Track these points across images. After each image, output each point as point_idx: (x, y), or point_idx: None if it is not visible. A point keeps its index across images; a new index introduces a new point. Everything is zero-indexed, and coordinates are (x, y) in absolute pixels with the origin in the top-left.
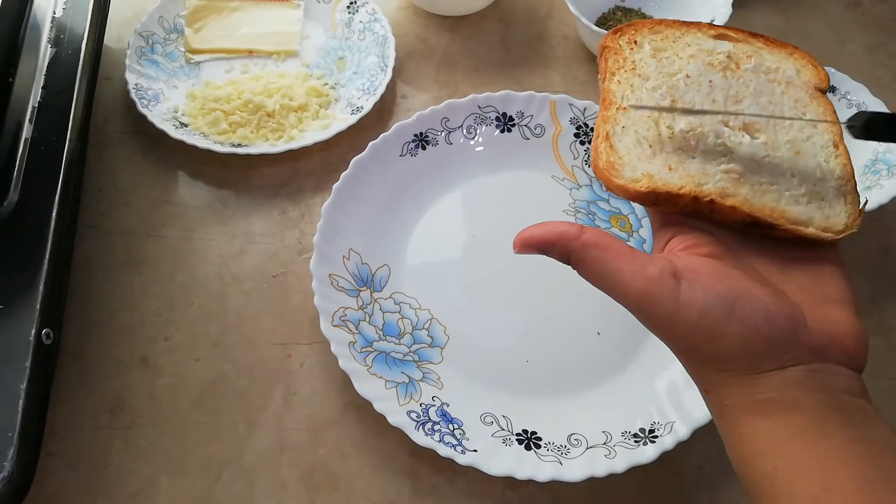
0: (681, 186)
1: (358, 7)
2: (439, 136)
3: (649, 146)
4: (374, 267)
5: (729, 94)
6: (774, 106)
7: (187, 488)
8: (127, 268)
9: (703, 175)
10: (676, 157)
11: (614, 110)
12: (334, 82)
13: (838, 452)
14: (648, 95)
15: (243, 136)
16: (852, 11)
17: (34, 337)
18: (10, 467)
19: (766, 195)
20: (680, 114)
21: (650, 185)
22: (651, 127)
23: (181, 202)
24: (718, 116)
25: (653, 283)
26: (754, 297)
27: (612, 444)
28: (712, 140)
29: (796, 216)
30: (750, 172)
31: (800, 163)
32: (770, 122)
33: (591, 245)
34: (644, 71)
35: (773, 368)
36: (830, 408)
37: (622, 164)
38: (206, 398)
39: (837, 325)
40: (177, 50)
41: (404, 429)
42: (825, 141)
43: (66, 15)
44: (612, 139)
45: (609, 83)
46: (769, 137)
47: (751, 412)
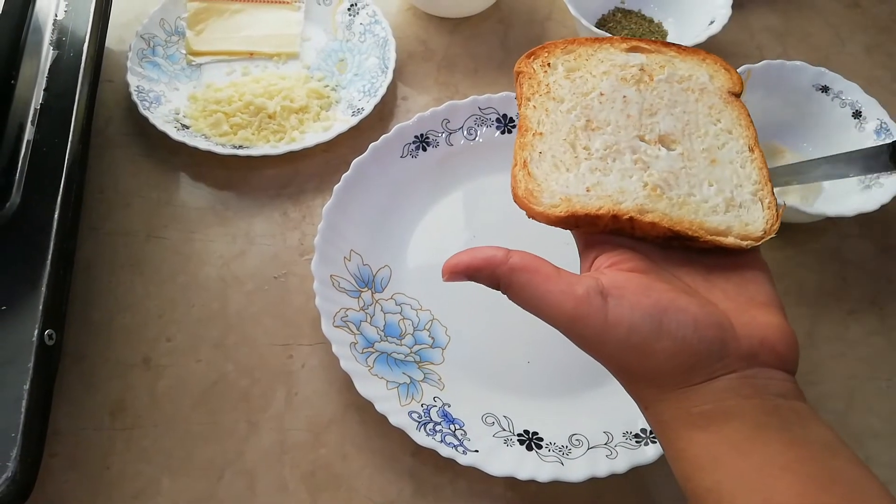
0: (599, 207)
1: (358, 9)
2: (440, 138)
3: (566, 170)
4: (376, 268)
5: (644, 107)
6: (689, 115)
7: (189, 489)
8: (129, 269)
9: (621, 193)
10: (594, 178)
11: (531, 136)
12: (335, 84)
13: (777, 458)
14: (563, 118)
15: (244, 138)
16: (851, 12)
17: (37, 338)
18: (13, 468)
19: (683, 208)
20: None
21: (569, 209)
22: (567, 150)
23: (182, 204)
24: (634, 133)
25: (581, 303)
26: (680, 310)
27: (614, 445)
28: (629, 157)
29: (715, 226)
30: (667, 186)
31: (716, 171)
32: (686, 131)
33: (517, 269)
34: (558, 93)
35: (705, 380)
36: (766, 413)
37: (540, 191)
38: (207, 399)
39: (766, 328)
40: (178, 52)
41: (406, 429)
42: (740, 146)
43: (68, 17)
44: (530, 166)
45: (525, 109)
46: (685, 148)
47: (688, 426)
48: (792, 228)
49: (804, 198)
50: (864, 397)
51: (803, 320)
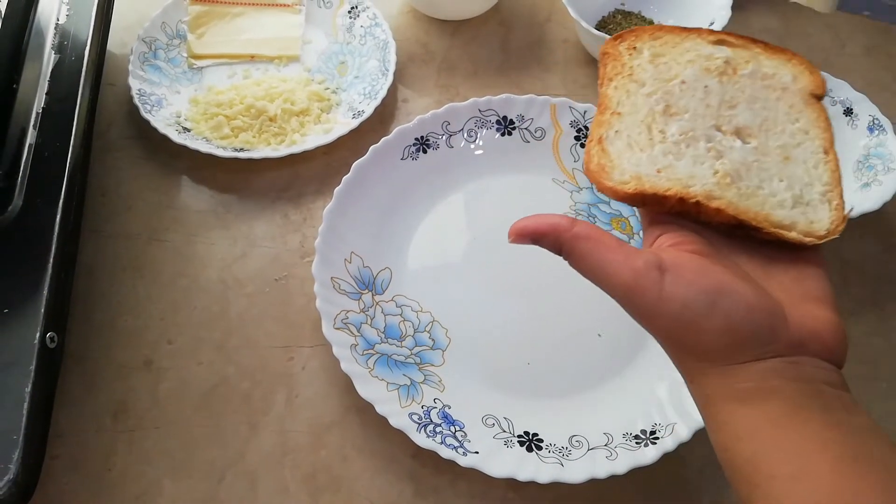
0: (667, 188)
1: (359, 12)
2: (440, 140)
3: (640, 150)
4: (376, 270)
5: (724, 98)
6: (768, 112)
7: (190, 490)
8: (130, 272)
9: (691, 178)
10: (665, 161)
11: (609, 115)
12: (336, 87)
13: (815, 436)
14: (643, 101)
15: (245, 141)
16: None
17: (38, 340)
18: (15, 469)
19: (751, 199)
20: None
21: (638, 187)
22: (643, 131)
23: (184, 206)
24: (711, 122)
25: (638, 275)
26: (735, 293)
27: (614, 446)
28: (703, 145)
29: (780, 220)
30: (738, 176)
31: (788, 168)
32: (763, 127)
33: (581, 237)
34: (641, 77)
35: (752, 360)
36: (809, 395)
37: (612, 167)
38: (208, 401)
39: (817, 321)
40: (179, 55)
41: (406, 431)
42: (816, 147)
43: (70, 21)
44: (605, 143)
45: (606, 88)
46: (760, 142)
47: (732, 400)
48: None
49: None
50: (865, 399)
51: None
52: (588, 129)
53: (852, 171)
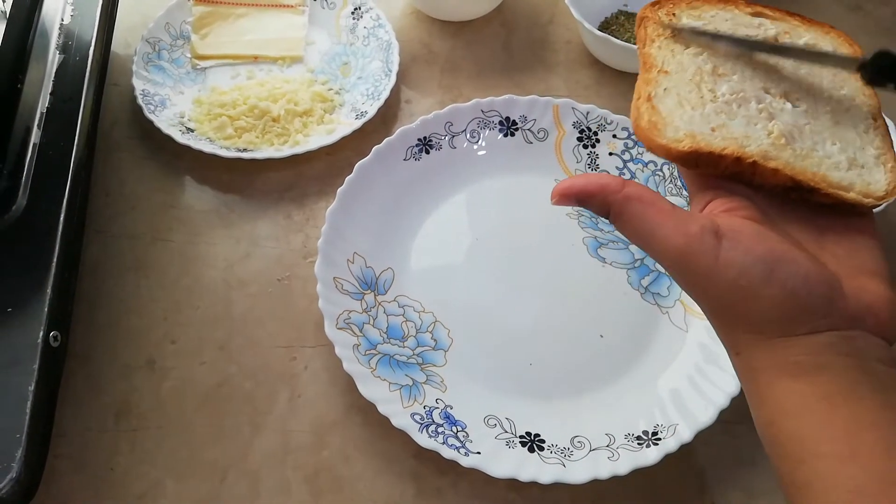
0: (723, 147)
1: (362, 13)
2: (443, 141)
3: (691, 108)
4: (379, 270)
5: (769, 64)
6: (814, 77)
7: (193, 490)
8: (134, 272)
9: (746, 137)
10: (719, 120)
11: (655, 73)
12: (339, 87)
13: (868, 415)
14: (690, 60)
15: (249, 141)
16: (854, 14)
17: (42, 339)
18: (18, 468)
19: (807, 160)
20: (727, 47)
21: (693, 145)
22: (693, 90)
23: (187, 207)
24: (759, 84)
25: (693, 240)
26: (794, 262)
27: (616, 447)
28: (754, 105)
29: (837, 181)
30: (791, 138)
31: (839, 132)
32: (810, 91)
33: (633, 199)
34: (685, 39)
35: (806, 333)
36: (862, 372)
37: (664, 125)
38: (211, 401)
39: (873, 295)
40: (183, 56)
41: (408, 431)
42: (864, 113)
43: (74, 22)
44: (654, 100)
45: (649, 48)
46: (809, 106)
47: (780, 374)
48: None
49: None
50: None
51: None
52: (590, 130)
53: None
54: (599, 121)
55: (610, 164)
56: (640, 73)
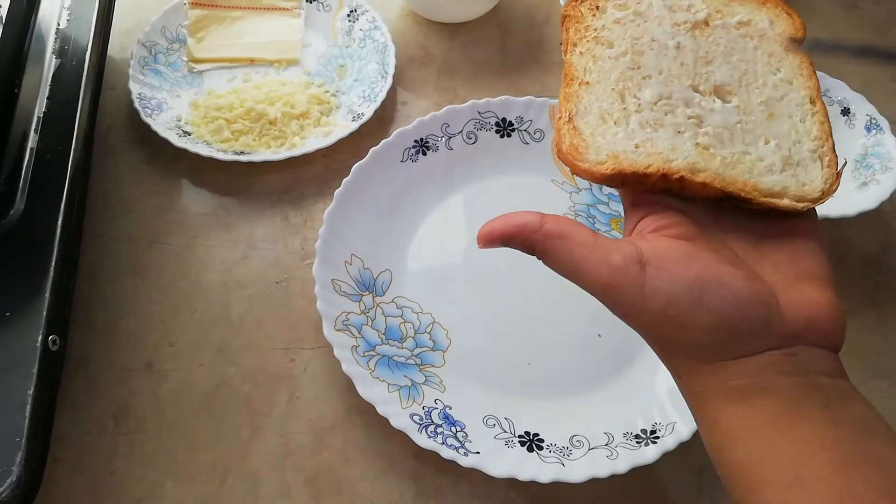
0: (648, 165)
1: (358, 15)
2: (440, 142)
3: (614, 123)
4: (376, 272)
5: (698, 55)
6: (747, 64)
7: (192, 493)
8: (131, 275)
9: (672, 151)
10: (643, 133)
11: (576, 86)
12: (335, 90)
13: (813, 436)
14: (612, 65)
15: (246, 144)
16: (849, 13)
17: (41, 343)
18: (17, 472)
19: (737, 167)
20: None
21: (616, 167)
22: (616, 101)
23: (185, 209)
24: (687, 82)
25: (617, 272)
26: (723, 284)
27: (614, 445)
28: (681, 110)
29: (770, 187)
30: (721, 144)
31: (774, 126)
32: (743, 81)
33: (553, 235)
34: (608, 37)
35: (744, 355)
36: (805, 390)
37: (586, 147)
38: (210, 403)
39: (813, 305)
40: (179, 59)
41: (407, 432)
42: (801, 98)
43: (70, 26)
44: (576, 119)
45: (571, 56)
46: (742, 100)
47: (723, 399)
48: None
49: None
50: None
51: None
52: None
53: (850, 170)
54: None
55: None
56: (561, 86)
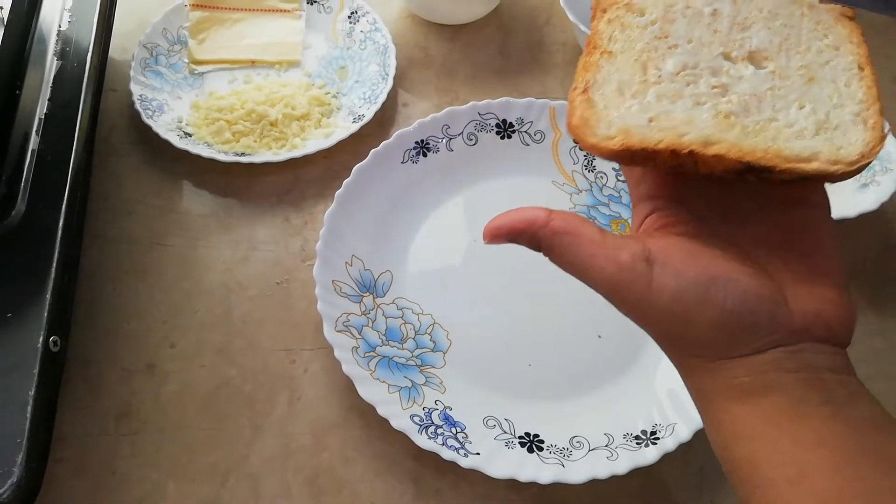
0: (658, 140)
1: (359, 17)
2: (440, 143)
3: (632, 96)
4: (377, 273)
5: (736, 20)
6: (791, 29)
7: (193, 493)
8: (133, 276)
9: (688, 124)
10: (660, 106)
11: (598, 55)
12: (336, 91)
13: (814, 433)
14: (639, 34)
15: (246, 146)
16: None
17: (42, 344)
18: (19, 472)
19: (759, 135)
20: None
21: (625, 143)
22: (637, 72)
23: (186, 211)
24: (718, 49)
25: (624, 269)
26: (730, 280)
27: (614, 446)
28: (705, 80)
29: (797, 153)
30: (745, 111)
31: (812, 90)
32: (783, 46)
33: (560, 232)
34: (640, 4)
35: (749, 353)
36: (809, 387)
37: (597, 120)
38: (211, 404)
39: (822, 301)
40: (180, 61)
41: (407, 433)
42: (848, 63)
43: (72, 28)
44: (591, 90)
45: (598, 21)
46: (779, 65)
47: (728, 397)
48: None
49: None
50: None
51: None
52: None
53: None
54: None
55: (606, 165)
56: (583, 54)
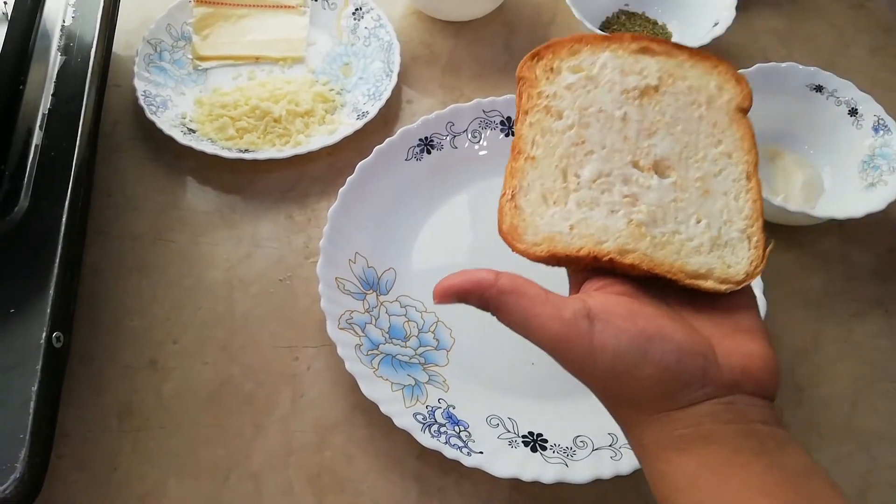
0: (580, 248)
1: (363, 13)
2: (444, 141)
3: (554, 203)
4: (380, 270)
5: (643, 126)
6: (690, 136)
7: (195, 491)
8: (136, 272)
9: (604, 231)
10: (579, 213)
11: (522, 161)
12: (340, 88)
13: (754, 482)
14: (558, 139)
15: (250, 142)
16: (856, 13)
17: (44, 340)
18: (21, 468)
19: (666, 248)
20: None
21: (550, 249)
22: (558, 178)
23: (189, 207)
24: (628, 157)
25: (567, 327)
26: (665, 338)
27: (618, 446)
28: (618, 188)
29: (695, 269)
30: (653, 223)
31: (707, 203)
32: (683, 155)
33: (506, 291)
34: (558, 107)
35: (687, 405)
36: (744, 437)
37: (525, 227)
38: (213, 401)
39: (748, 356)
40: (184, 57)
41: (411, 431)
42: (738, 173)
43: (76, 23)
44: (518, 197)
45: (521, 125)
46: (680, 175)
47: (668, 449)
48: (797, 230)
49: (806, 198)
50: (870, 399)
51: (808, 322)
52: None
53: (857, 171)
54: None
55: None
56: (509, 159)
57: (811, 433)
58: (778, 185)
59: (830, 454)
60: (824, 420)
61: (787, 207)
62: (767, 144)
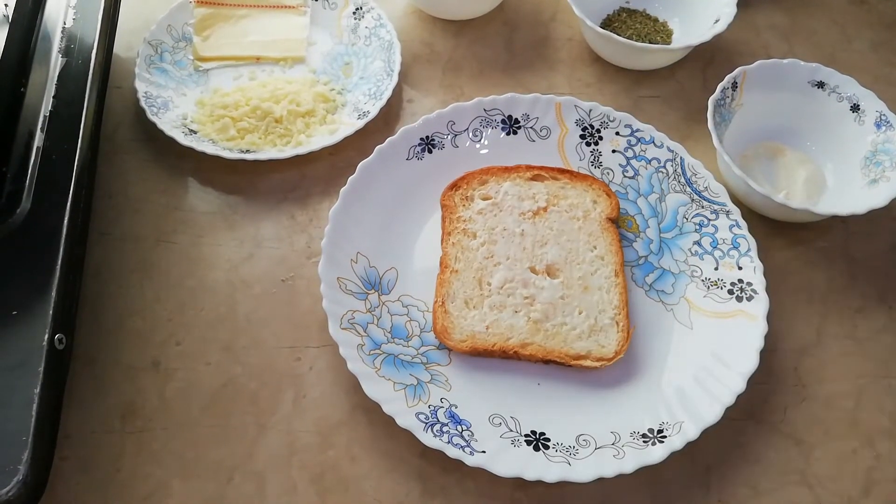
0: (493, 343)
1: (364, 13)
2: (445, 140)
3: (473, 307)
4: (382, 270)
5: (536, 238)
6: (572, 244)
7: (199, 491)
8: (138, 274)
9: (511, 329)
10: (492, 316)
11: (449, 273)
12: (341, 88)
13: None
14: (474, 255)
15: (251, 142)
16: (858, 9)
17: (47, 342)
18: (24, 470)
19: (556, 337)
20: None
21: (471, 346)
22: (475, 286)
23: (191, 208)
24: (527, 264)
25: None
26: None
27: (621, 445)
28: (520, 292)
29: (578, 351)
30: (546, 317)
31: (586, 298)
32: (567, 259)
33: None
34: (472, 228)
35: None
36: None
37: (453, 328)
38: (216, 402)
39: None
40: (185, 58)
41: (413, 430)
42: (609, 272)
43: (77, 25)
44: (447, 303)
45: (446, 245)
46: (566, 276)
47: None
48: (800, 227)
49: (809, 195)
50: (874, 395)
51: (812, 318)
52: (593, 128)
53: (860, 167)
54: (602, 118)
55: (613, 161)
56: (439, 272)
57: (815, 429)
58: (780, 181)
59: (835, 450)
60: (828, 416)
61: (790, 204)
62: (769, 141)
